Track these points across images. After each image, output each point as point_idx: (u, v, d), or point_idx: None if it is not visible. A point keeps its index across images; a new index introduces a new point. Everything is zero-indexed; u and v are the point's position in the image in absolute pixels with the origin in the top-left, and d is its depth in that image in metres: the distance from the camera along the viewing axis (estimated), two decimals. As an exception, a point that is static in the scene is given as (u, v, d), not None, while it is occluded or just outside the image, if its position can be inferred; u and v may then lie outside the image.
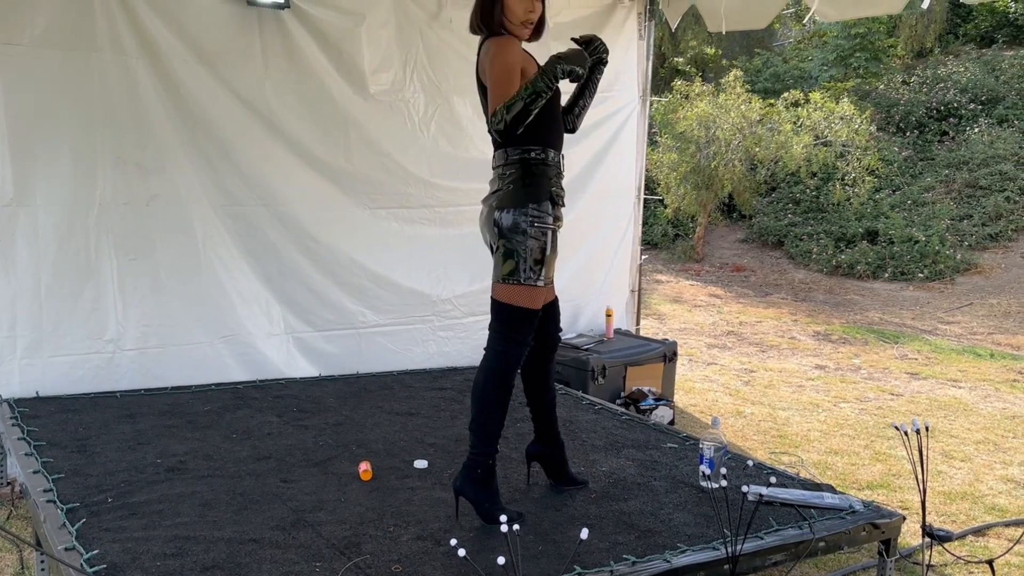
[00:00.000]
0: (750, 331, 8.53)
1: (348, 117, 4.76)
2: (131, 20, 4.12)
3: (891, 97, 14.04)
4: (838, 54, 15.11)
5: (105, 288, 4.18)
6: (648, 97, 5.98)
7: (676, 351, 5.55)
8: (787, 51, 16.91)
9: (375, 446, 3.54)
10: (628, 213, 6.09)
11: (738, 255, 12.45)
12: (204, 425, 3.70)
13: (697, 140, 11.52)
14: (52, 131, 4.00)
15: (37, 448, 3.28)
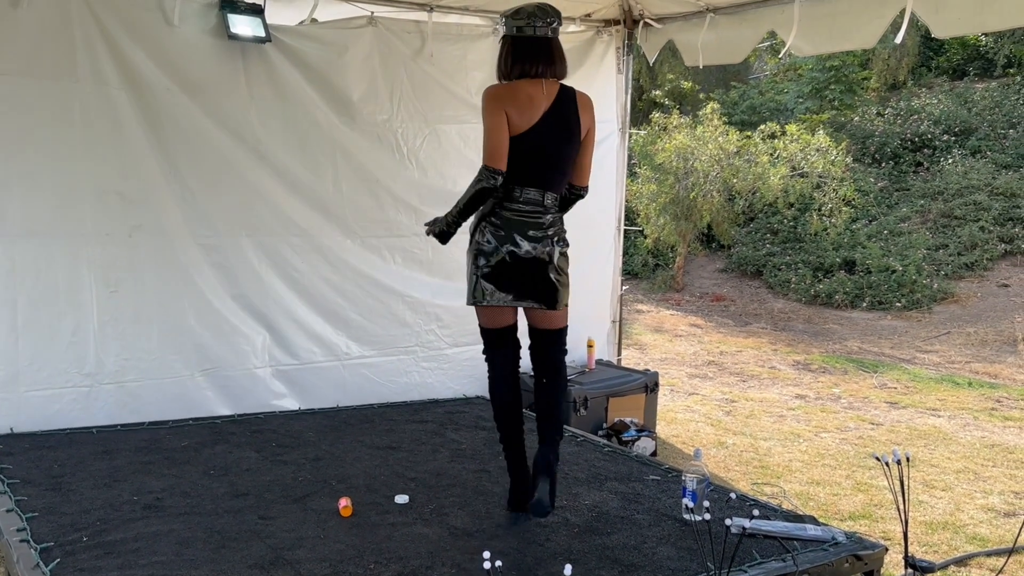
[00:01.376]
0: (731, 361, 8.54)
1: (336, 145, 4.77)
2: (112, 51, 4.12)
3: (866, 129, 14.25)
4: (813, 87, 15.34)
5: (85, 321, 4.13)
6: (627, 129, 6.03)
7: (658, 382, 5.55)
8: (763, 84, 17.15)
9: (355, 481, 3.50)
10: (609, 244, 6.12)
11: (718, 284, 12.51)
12: (181, 461, 3.65)
13: (676, 171, 11.60)
14: (31, 161, 3.97)
15: (11, 486, 3.22)
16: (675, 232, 11.96)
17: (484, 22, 5.26)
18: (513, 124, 2.97)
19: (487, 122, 2.98)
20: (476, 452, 4.00)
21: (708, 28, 5.06)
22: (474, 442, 4.17)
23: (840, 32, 4.47)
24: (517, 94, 2.99)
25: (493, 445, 4.10)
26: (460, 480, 3.58)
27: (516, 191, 3.04)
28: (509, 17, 3.03)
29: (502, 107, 2.97)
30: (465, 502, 3.31)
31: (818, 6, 4.52)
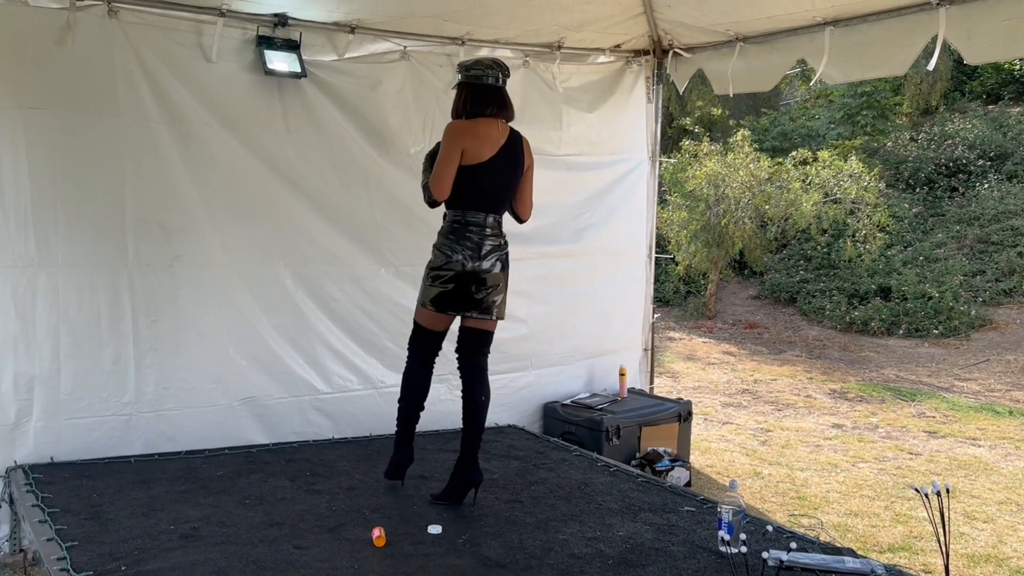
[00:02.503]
0: (765, 389, 8.46)
1: (370, 176, 4.83)
2: (153, 87, 4.21)
3: (899, 154, 14.14)
4: (845, 112, 15.27)
5: (125, 350, 4.19)
6: (657, 158, 6.05)
7: (691, 410, 5.51)
8: (793, 110, 17.10)
9: (389, 511, 3.51)
10: (640, 272, 6.12)
11: (751, 312, 12.42)
12: (218, 490, 3.68)
13: (706, 198, 11.59)
14: (75, 193, 4.06)
15: (51, 515, 3.26)
16: (706, 259, 11.92)
17: (514, 54, 5.32)
18: (472, 155, 3.44)
19: (444, 152, 3.42)
20: (508, 482, 3.99)
21: (738, 57, 5.08)
22: (506, 472, 4.17)
23: (872, 60, 4.47)
24: (477, 130, 3.47)
25: (525, 474, 4.11)
26: (492, 510, 3.57)
27: (471, 214, 3.52)
28: (469, 68, 3.52)
29: (461, 143, 3.42)
30: (497, 532, 3.30)
31: (849, 34, 4.52)
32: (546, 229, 5.56)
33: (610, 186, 5.84)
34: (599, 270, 5.85)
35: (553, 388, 5.65)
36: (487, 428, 4.97)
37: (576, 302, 5.76)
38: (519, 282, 5.49)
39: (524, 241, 5.44)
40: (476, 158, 3.45)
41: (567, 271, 5.68)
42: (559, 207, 5.60)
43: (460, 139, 3.45)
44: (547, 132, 5.50)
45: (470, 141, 3.44)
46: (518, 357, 5.47)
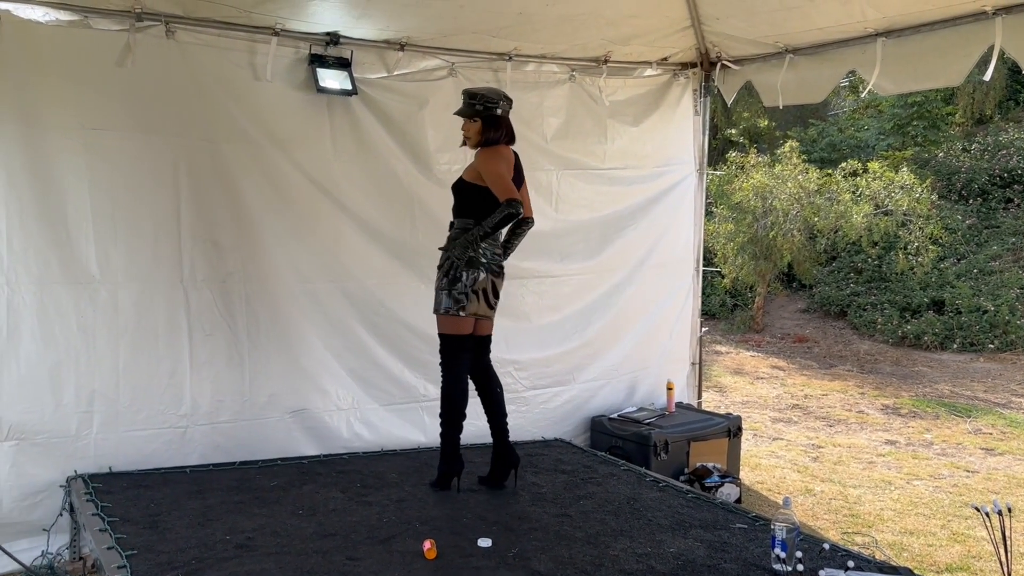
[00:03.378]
0: (816, 404, 8.34)
1: (412, 195, 4.90)
2: (207, 107, 4.32)
3: (952, 165, 13.86)
4: (895, 123, 15.04)
5: (180, 363, 4.30)
6: (704, 170, 6.03)
7: (741, 425, 5.47)
8: (842, 121, 16.88)
9: (438, 523, 3.53)
10: (687, 285, 6.09)
11: (799, 325, 12.25)
12: (271, 501, 3.74)
13: (754, 210, 11.49)
14: (134, 211, 4.18)
15: (111, 524, 3.34)
16: (754, 272, 11.80)
17: (560, 69, 5.35)
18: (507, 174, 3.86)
19: (499, 169, 3.83)
20: (557, 496, 3.99)
21: (787, 68, 5.04)
22: (554, 485, 4.17)
23: (925, 70, 4.41)
24: (506, 153, 3.95)
25: (573, 489, 4.10)
26: (541, 524, 3.58)
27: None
28: (501, 100, 3.93)
29: (503, 161, 3.88)
30: (547, 547, 3.30)
31: (902, 45, 4.47)
32: (590, 243, 5.58)
33: (656, 199, 5.84)
34: (644, 284, 5.84)
35: (598, 402, 5.64)
36: (534, 442, 5.02)
37: (621, 316, 5.76)
38: (562, 297, 5.53)
39: (567, 255, 5.50)
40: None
41: (611, 285, 5.69)
42: (603, 221, 5.61)
43: (502, 159, 3.90)
44: (591, 146, 5.53)
45: (504, 163, 3.90)
46: (562, 371, 5.49)
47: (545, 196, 5.34)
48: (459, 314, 3.84)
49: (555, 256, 5.44)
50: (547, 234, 5.31)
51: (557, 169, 5.38)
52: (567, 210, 5.45)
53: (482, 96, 3.91)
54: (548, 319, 5.41)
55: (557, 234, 5.40)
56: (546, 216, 5.31)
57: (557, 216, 5.40)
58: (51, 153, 3.98)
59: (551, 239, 5.37)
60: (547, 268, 5.37)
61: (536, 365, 5.36)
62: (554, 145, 5.37)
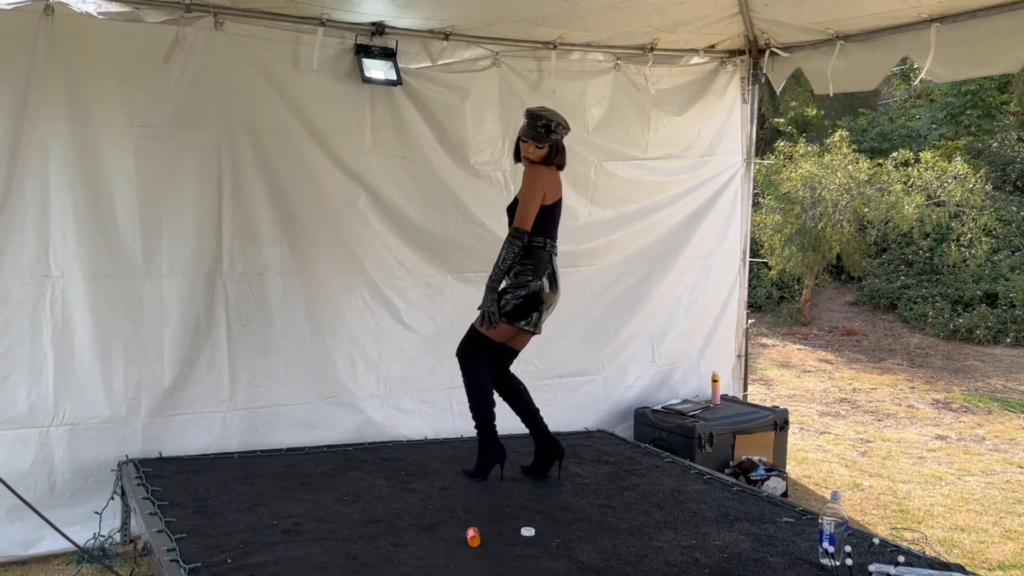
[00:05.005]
0: (864, 398, 8.23)
1: (446, 189, 4.95)
2: (252, 101, 4.40)
3: (1006, 155, 13.53)
4: (948, 112, 14.70)
5: (219, 352, 4.42)
6: (752, 160, 5.96)
7: (787, 419, 5.42)
8: (893, 110, 16.54)
9: (482, 511, 3.57)
10: (733, 276, 6.04)
11: (848, 318, 12.08)
12: (317, 487, 3.81)
13: (802, 201, 11.34)
14: (178, 206, 4.29)
15: (160, 508, 3.43)
16: (801, 263, 11.65)
17: (605, 57, 5.33)
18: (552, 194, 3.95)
19: (535, 194, 3.88)
20: (599, 487, 4.00)
21: (838, 55, 4.96)
22: (597, 476, 4.18)
23: (981, 57, 4.31)
24: (553, 177, 3.99)
25: (617, 480, 4.11)
26: (585, 514, 3.59)
27: (551, 245, 3.98)
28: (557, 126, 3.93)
29: (544, 187, 3.90)
30: (591, 537, 3.31)
31: (957, 30, 4.37)
32: (631, 233, 5.57)
33: (699, 189, 5.80)
34: (688, 274, 5.81)
35: (641, 393, 5.63)
36: (577, 433, 5.03)
37: (658, 307, 5.74)
38: (606, 288, 5.52)
39: (608, 247, 5.48)
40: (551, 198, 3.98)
41: (654, 275, 5.68)
42: (641, 211, 5.60)
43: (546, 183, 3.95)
44: (634, 136, 5.51)
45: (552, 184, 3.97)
46: (594, 361, 5.50)
47: (582, 187, 5.34)
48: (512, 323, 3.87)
49: (595, 245, 5.43)
50: (581, 225, 5.32)
51: (597, 160, 5.37)
52: (604, 200, 5.45)
53: (556, 123, 3.93)
54: (578, 309, 5.39)
55: (592, 224, 5.40)
56: (580, 207, 5.32)
57: (592, 208, 5.40)
58: (101, 150, 4.09)
59: (585, 230, 5.37)
60: (576, 257, 5.34)
61: (570, 355, 5.36)
62: (595, 135, 5.36)
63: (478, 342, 3.95)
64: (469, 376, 3.97)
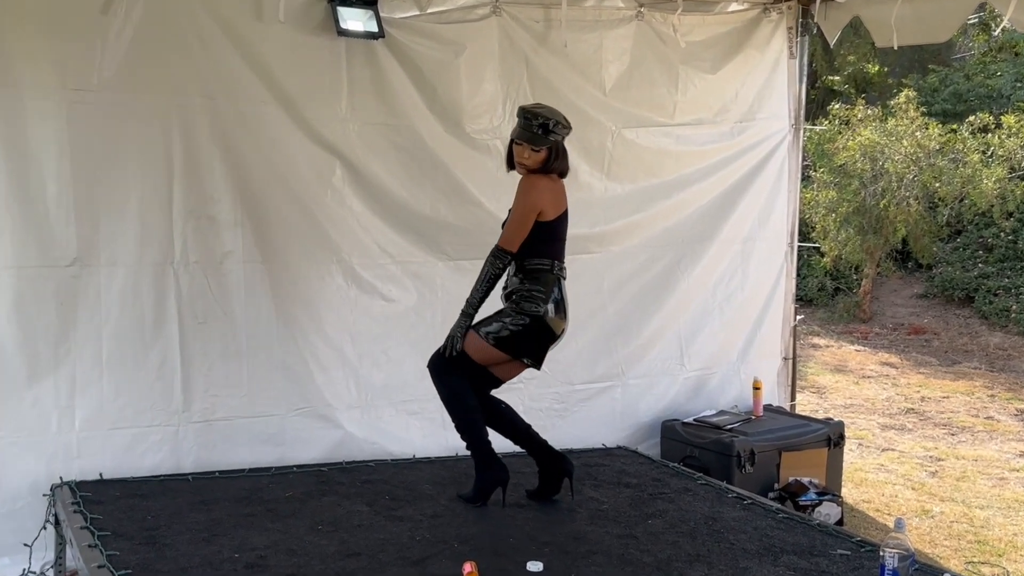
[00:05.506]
0: (935, 408, 8.25)
1: (437, 161, 4.96)
2: (208, 59, 4.39)
3: (1107, 118, 13.49)
4: (1036, 67, 14.66)
5: (170, 355, 4.43)
6: (801, 126, 5.96)
7: (843, 433, 5.43)
8: (970, 66, 16.48)
9: (480, 542, 3.58)
10: (778, 265, 6.06)
11: (916, 314, 12.09)
12: (286, 514, 3.82)
13: (861, 175, 11.34)
14: (118, 184, 4.28)
15: (102, 539, 3.44)
16: (860, 249, 11.65)
17: (626, 4, 5.34)
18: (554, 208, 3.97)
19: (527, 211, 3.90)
20: (620, 513, 4.02)
21: (904, 1, 4.95)
22: (617, 502, 4.19)
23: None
24: (556, 186, 4.01)
25: (641, 505, 4.12)
26: (602, 546, 3.60)
27: (559, 267, 4.01)
28: (558, 126, 3.92)
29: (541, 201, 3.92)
30: (610, 573, 3.33)
31: (1045, -32, 4.36)
32: (656, 214, 5.59)
33: (739, 161, 5.82)
34: (724, 262, 5.83)
35: (669, 404, 5.65)
36: (593, 450, 5.05)
37: (697, 301, 5.75)
38: (626, 279, 5.53)
39: (628, 230, 5.51)
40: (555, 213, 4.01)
41: (684, 264, 5.70)
42: (672, 186, 5.62)
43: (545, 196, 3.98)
44: (660, 98, 5.52)
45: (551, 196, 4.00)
46: (611, 366, 5.52)
47: (597, 159, 5.36)
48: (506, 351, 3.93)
49: (599, 229, 5.44)
50: (594, 203, 5.34)
51: (615, 126, 5.38)
52: (623, 174, 5.47)
53: (555, 121, 3.92)
54: (594, 303, 5.41)
55: (609, 203, 5.42)
56: (595, 182, 5.34)
57: (609, 183, 5.42)
58: (28, 118, 4.08)
59: (601, 209, 5.39)
60: (590, 242, 5.37)
61: (582, 359, 5.37)
62: (613, 97, 5.37)
63: (453, 361, 3.97)
64: (445, 388, 4.00)
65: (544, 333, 3.95)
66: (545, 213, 3.94)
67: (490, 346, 3.91)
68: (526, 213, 3.91)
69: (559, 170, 4.01)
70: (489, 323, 3.94)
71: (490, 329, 3.92)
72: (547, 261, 3.96)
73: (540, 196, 3.93)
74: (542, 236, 3.94)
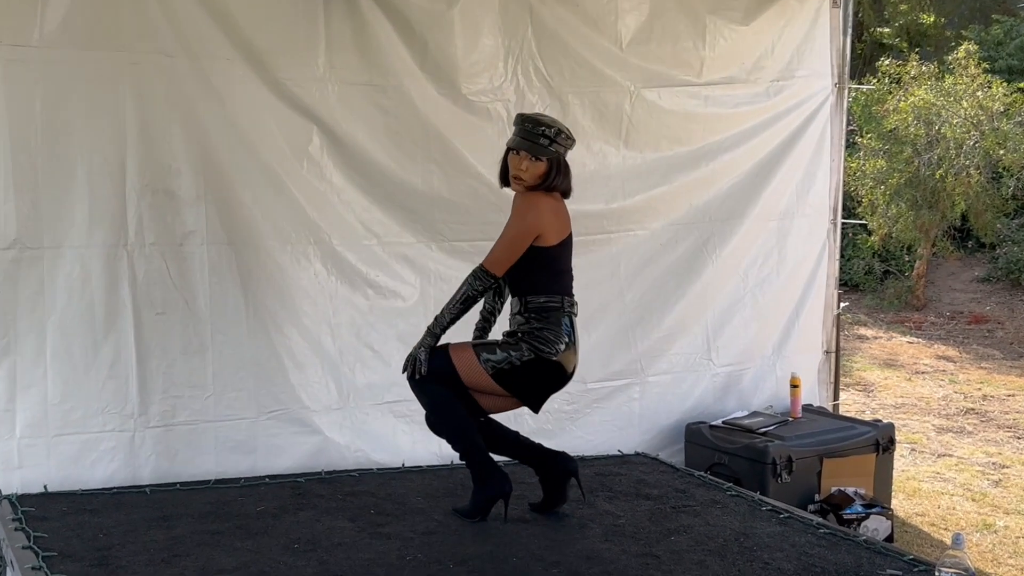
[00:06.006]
0: (999, 409, 8.27)
1: (429, 128, 4.96)
2: (163, 11, 4.38)
3: None
4: (1117, 16, 14.64)
5: (125, 350, 4.43)
6: (846, 85, 5.95)
7: (893, 437, 5.44)
8: (1040, 15, 16.49)
9: (479, 564, 3.59)
10: (818, 244, 6.06)
11: (978, 300, 12.09)
12: (257, 531, 3.82)
13: (914, 141, 11.32)
14: (63, 155, 4.27)
15: (47, 560, 3.44)
16: (913, 226, 11.65)
17: (649, -59, 5.32)
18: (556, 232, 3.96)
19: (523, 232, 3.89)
20: (638, 530, 4.03)
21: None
22: (635, 516, 4.20)
23: None
24: (559, 206, 4.01)
25: (662, 520, 4.14)
26: (618, 566, 3.61)
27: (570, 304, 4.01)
28: (568, 136, 3.97)
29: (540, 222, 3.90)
30: (627, 597, 3.34)
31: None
32: (682, 187, 5.59)
33: (775, 126, 5.82)
34: (758, 242, 5.84)
35: (695, 404, 5.66)
36: (608, 457, 5.06)
37: (727, 287, 5.76)
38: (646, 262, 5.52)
39: (649, 206, 5.51)
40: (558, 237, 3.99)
41: (712, 245, 5.70)
42: (700, 155, 5.62)
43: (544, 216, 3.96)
44: (685, 54, 5.52)
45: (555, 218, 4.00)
46: (627, 362, 5.53)
47: (613, 123, 5.35)
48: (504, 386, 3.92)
49: (617, 205, 5.45)
50: (610, 175, 5.35)
51: (633, 86, 5.37)
52: (643, 142, 5.46)
53: (556, 130, 3.94)
54: (609, 291, 5.43)
55: (627, 174, 5.42)
56: (611, 150, 5.35)
57: (626, 152, 5.42)
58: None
59: (619, 182, 5.39)
60: (605, 220, 5.37)
61: (592, 354, 5.34)
62: (631, 53, 5.36)
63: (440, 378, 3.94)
64: (426, 397, 4.00)
65: (554, 376, 3.96)
66: (545, 237, 3.92)
67: (487, 375, 3.89)
68: (521, 234, 3.90)
69: (561, 188, 4.00)
70: (493, 350, 3.92)
71: (493, 358, 3.89)
72: (556, 298, 3.95)
73: (540, 216, 3.91)
74: (545, 267, 3.94)
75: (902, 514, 5.57)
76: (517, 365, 3.87)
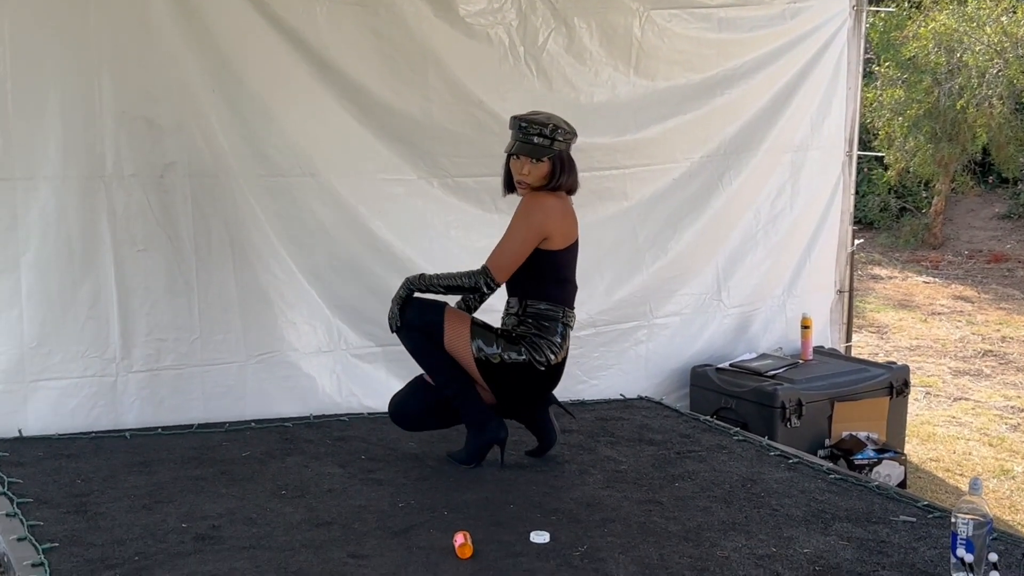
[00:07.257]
0: (1018, 351, 8.30)
1: (427, 52, 4.89)
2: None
3: None
4: None
5: (105, 290, 4.40)
6: (864, 8, 5.88)
7: (908, 380, 5.45)
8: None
9: (475, 510, 3.59)
10: (833, 178, 6.05)
11: (997, 238, 12.09)
12: (243, 477, 3.83)
13: (934, 69, 11.25)
14: (34, 80, 4.20)
15: (22, 507, 3.45)
16: (932, 159, 11.62)
17: None
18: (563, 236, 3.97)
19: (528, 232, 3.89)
20: (641, 475, 4.04)
21: None
22: (638, 461, 4.21)
23: None
24: (566, 206, 4.01)
25: (666, 466, 4.15)
26: (620, 513, 3.62)
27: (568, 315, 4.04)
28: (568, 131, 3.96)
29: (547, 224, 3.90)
30: (628, 545, 3.34)
31: None
32: (696, 119, 5.56)
33: (791, 52, 5.78)
34: (771, 177, 5.82)
35: (704, 347, 5.67)
36: (609, 401, 5.07)
37: (725, 223, 5.74)
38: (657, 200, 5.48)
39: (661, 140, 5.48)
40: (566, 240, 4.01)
41: (725, 181, 5.67)
42: (706, 85, 5.58)
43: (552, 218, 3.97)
44: (695, -29, 5.44)
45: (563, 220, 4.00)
46: (634, 302, 5.53)
47: (621, 49, 5.30)
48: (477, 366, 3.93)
49: (629, 137, 5.41)
50: (620, 105, 5.31)
51: (641, 7, 5.32)
52: (653, 69, 5.41)
53: (554, 126, 3.92)
54: (618, 230, 5.41)
55: (637, 104, 5.39)
56: (620, 78, 5.29)
57: (636, 80, 5.38)
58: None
59: (629, 113, 5.35)
60: (618, 154, 5.34)
61: (596, 293, 5.36)
62: (635, -24, 5.29)
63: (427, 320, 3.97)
64: (411, 342, 4.01)
65: (536, 385, 4.00)
66: (552, 239, 3.92)
67: (471, 358, 3.92)
68: (527, 237, 3.89)
69: (567, 186, 4.01)
70: (490, 341, 3.93)
71: (485, 347, 3.92)
72: (557, 308, 3.98)
73: (547, 217, 3.91)
74: (549, 272, 3.96)
75: (916, 460, 5.59)
76: (507, 363, 3.91)
